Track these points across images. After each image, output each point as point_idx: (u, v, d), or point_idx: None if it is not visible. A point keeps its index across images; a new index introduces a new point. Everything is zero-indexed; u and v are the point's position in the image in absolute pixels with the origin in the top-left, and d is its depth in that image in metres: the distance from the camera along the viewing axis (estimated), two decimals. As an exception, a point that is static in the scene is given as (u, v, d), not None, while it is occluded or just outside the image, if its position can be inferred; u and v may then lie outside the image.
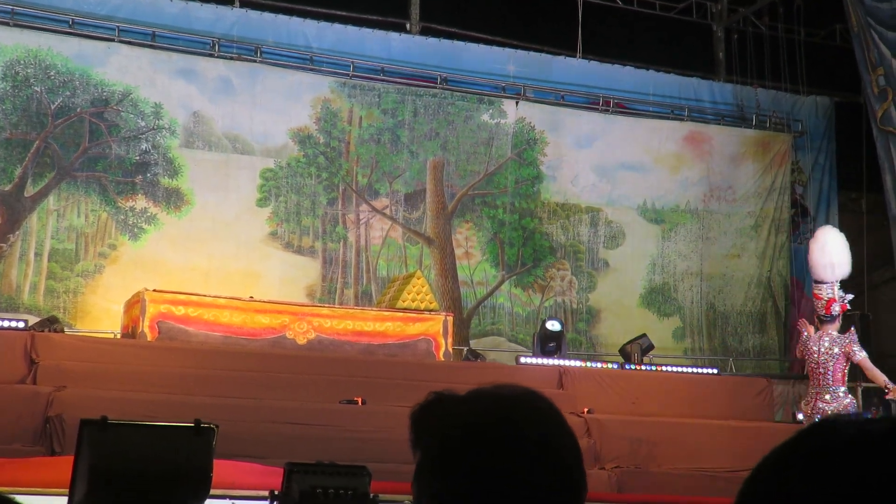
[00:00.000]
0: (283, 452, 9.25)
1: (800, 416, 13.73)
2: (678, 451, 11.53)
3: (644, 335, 14.65)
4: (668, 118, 18.35)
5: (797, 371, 17.79)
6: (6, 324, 11.37)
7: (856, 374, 12.28)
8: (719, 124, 18.68)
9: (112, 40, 15.49)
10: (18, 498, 7.06)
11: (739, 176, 18.34)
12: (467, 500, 1.82)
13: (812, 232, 18.39)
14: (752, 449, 9.09)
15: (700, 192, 18.15)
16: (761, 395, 13.35)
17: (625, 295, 17.60)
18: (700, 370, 14.59)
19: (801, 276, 18.29)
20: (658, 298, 17.72)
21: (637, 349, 14.35)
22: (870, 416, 1.17)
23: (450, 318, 13.33)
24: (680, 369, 14.19)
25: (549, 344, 14.04)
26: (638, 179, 17.86)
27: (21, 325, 11.42)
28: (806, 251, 11.99)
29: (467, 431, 1.86)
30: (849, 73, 18.12)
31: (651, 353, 14.48)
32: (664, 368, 13.88)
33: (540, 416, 1.89)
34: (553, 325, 14.22)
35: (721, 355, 17.60)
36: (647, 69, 18.38)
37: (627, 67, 18.30)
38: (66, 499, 5.95)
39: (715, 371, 14.55)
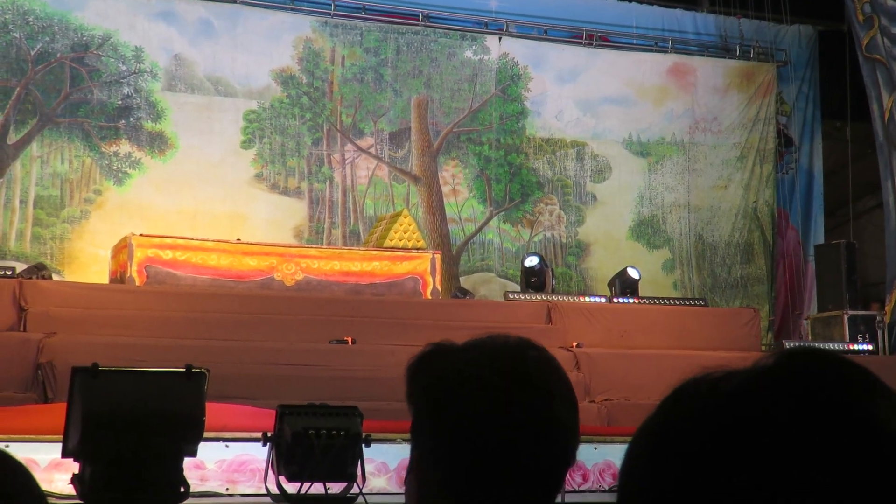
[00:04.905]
0: (273, 393, 9.31)
1: (787, 345, 13.86)
2: (667, 383, 11.53)
3: (624, 269, 14.66)
4: (651, 50, 18.27)
5: (783, 301, 17.92)
6: (-6, 272, 11.38)
7: None
8: (703, 56, 18.60)
9: (90, -16, 15.34)
10: (13, 446, 7.11)
11: (724, 107, 18.30)
12: (461, 455, 1.84)
13: (797, 161, 18.48)
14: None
15: (685, 125, 18.12)
16: (748, 325, 13.44)
17: (613, 228, 17.62)
18: (687, 301, 14.66)
19: (786, 205, 18.35)
20: (647, 231, 17.75)
21: (615, 283, 14.43)
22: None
23: (437, 256, 13.35)
24: (667, 301, 14.24)
25: (531, 279, 14.10)
26: (622, 113, 17.82)
27: (9, 272, 11.41)
28: (791, 181, 12.00)
29: (461, 384, 1.88)
30: (831, 1, 18.07)
31: (635, 284, 14.45)
32: (646, 301, 13.93)
33: (532, 366, 1.91)
34: (531, 261, 14.28)
35: (710, 287, 17.67)
36: (630, 1, 18.25)
37: (610, 0, 18.18)
38: (60, 445, 6.00)
39: (702, 302, 14.62)
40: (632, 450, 1.16)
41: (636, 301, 13.81)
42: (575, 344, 11.85)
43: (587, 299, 13.70)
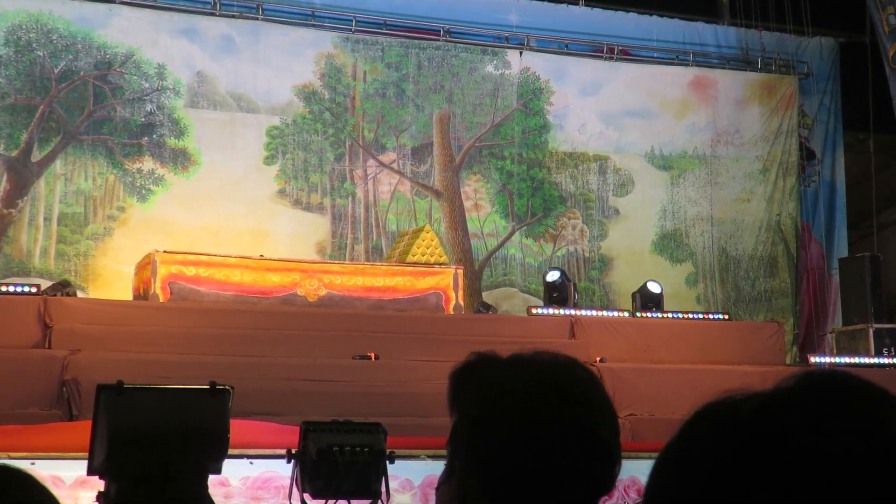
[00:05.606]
0: (297, 409, 9.31)
1: (813, 360, 13.79)
2: (692, 397, 11.49)
3: (645, 283, 14.59)
4: (672, 64, 18.26)
5: (808, 314, 17.83)
6: (19, 289, 11.43)
7: None
8: (724, 68, 18.58)
9: (113, 2, 15.41)
10: (39, 463, 7.14)
11: (746, 120, 18.26)
12: (498, 468, 1.83)
13: (819, 174, 18.40)
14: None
15: (707, 138, 18.08)
16: (772, 339, 13.39)
17: (636, 242, 17.57)
18: (711, 316, 14.61)
19: (809, 218, 18.27)
20: (670, 244, 17.70)
21: (637, 297, 14.37)
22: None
23: (460, 272, 13.36)
24: (690, 315, 14.20)
25: (553, 294, 14.08)
26: (644, 126, 17.79)
27: (33, 289, 11.46)
28: (813, 194, 11.95)
29: (504, 397, 1.87)
30: (853, 13, 18.01)
31: (657, 298, 14.37)
32: (670, 315, 13.89)
33: (579, 386, 1.90)
34: (552, 276, 14.27)
35: (734, 301, 17.61)
36: (651, 15, 18.24)
37: (631, 14, 18.17)
38: (85, 462, 6.00)
39: (725, 316, 14.56)
40: (657, 468, 1.19)
41: (659, 315, 13.77)
42: (598, 359, 11.82)
43: (610, 314, 13.67)
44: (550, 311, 13.30)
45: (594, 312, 13.61)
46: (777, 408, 1.12)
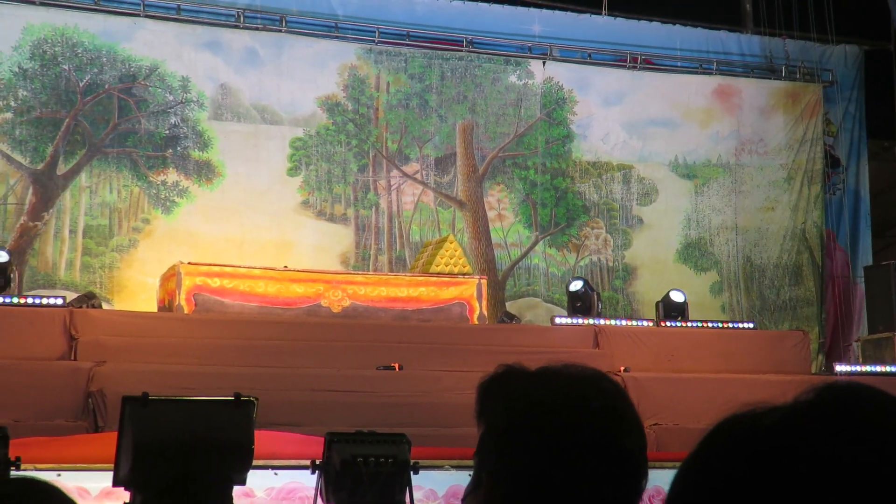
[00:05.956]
0: (321, 420, 9.33)
1: (837, 368, 13.71)
2: (717, 407, 11.43)
3: (667, 294, 14.50)
4: (696, 72, 18.22)
5: (833, 323, 17.74)
6: (45, 301, 11.50)
7: None
8: (748, 77, 18.53)
9: (137, 15, 15.52)
10: (65, 475, 7.18)
11: (770, 128, 18.21)
12: (524, 479, 1.83)
13: (844, 182, 18.32)
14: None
15: (731, 146, 18.04)
16: (798, 347, 13.32)
17: (660, 251, 17.54)
18: (736, 324, 14.56)
19: (834, 226, 18.20)
20: (694, 253, 17.66)
21: (660, 307, 14.30)
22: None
23: (483, 282, 13.36)
24: (715, 324, 14.15)
25: (576, 304, 14.05)
26: (668, 135, 17.77)
27: (59, 301, 11.52)
28: (838, 202, 11.89)
29: (531, 409, 1.87)
30: (878, 20, 17.94)
31: (680, 307, 14.28)
32: (693, 324, 13.83)
33: (606, 399, 1.90)
34: (575, 286, 14.24)
35: (759, 309, 17.54)
36: (674, 24, 18.22)
37: (654, 23, 18.16)
38: (111, 474, 6.04)
39: (751, 325, 14.51)
40: (678, 478, 1.20)
41: (684, 324, 13.73)
42: (622, 368, 11.80)
43: (634, 323, 13.65)
44: (574, 320, 13.28)
45: (618, 322, 13.58)
46: (796, 420, 1.13)
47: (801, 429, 1.11)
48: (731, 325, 14.55)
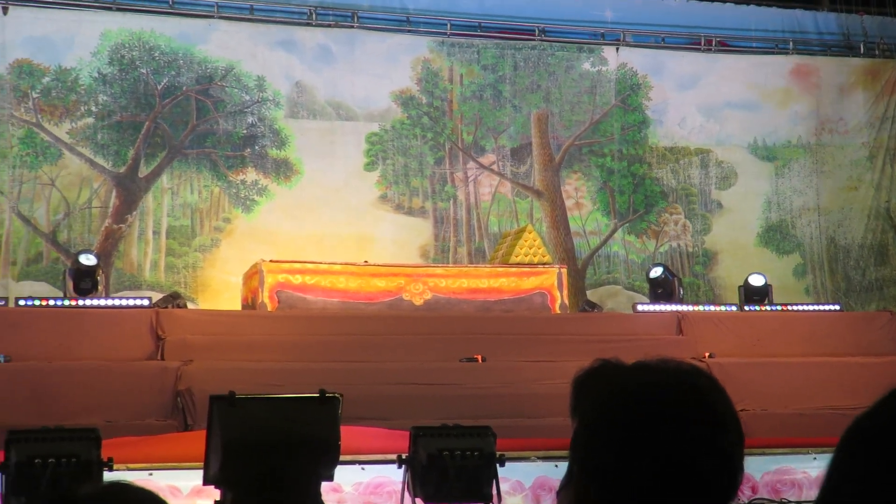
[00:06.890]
0: (406, 413, 9.37)
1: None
2: (804, 391, 11.35)
3: (747, 278, 14.32)
4: (772, 53, 18.00)
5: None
6: (131, 302, 11.68)
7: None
8: (826, 55, 18.25)
9: (211, 17, 15.68)
10: (156, 474, 7.29)
11: (850, 106, 17.93)
12: (617, 475, 1.82)
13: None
14: (879, 384, 8.95)
15: (811, 126, 17.79)
16: (885, 328, 13.07)
17: (741, 235, 17.35)
18: (820, 307, 14.36)
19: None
20: (776, 236, 17.45)
21: (741, 292, 14.15)
22: None
23: (564, 271, 13.32)
24: (799, 307, 13.96)
25: (657, 290, 13.96)
26: (746, 117, 17.57)
27: (146, 302, 11.69)
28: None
29: (626, 404, 1.86)
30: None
31: (762, 291, 14.09)
32: (775, 308, 13.65)
33: (702, 395, 1.87)
34: (655, 272, 14.14)
35: (844, 291, 17.29)
36: (748, 4, 17.99)
37: (728, 4, 17.95)
38: (201, 472, 6.12)
39: (837, 307, 14.28)
40: (842, 445, 1.22)
41: (767, 308, 13.56)
42: (707, 354, 11.69)
43: (717, 308, 13.52)
44: (656, 307, 13.18)
45: (700, 307, 13.46)
46: None
47: None
48: (815, 307, 14.35)
